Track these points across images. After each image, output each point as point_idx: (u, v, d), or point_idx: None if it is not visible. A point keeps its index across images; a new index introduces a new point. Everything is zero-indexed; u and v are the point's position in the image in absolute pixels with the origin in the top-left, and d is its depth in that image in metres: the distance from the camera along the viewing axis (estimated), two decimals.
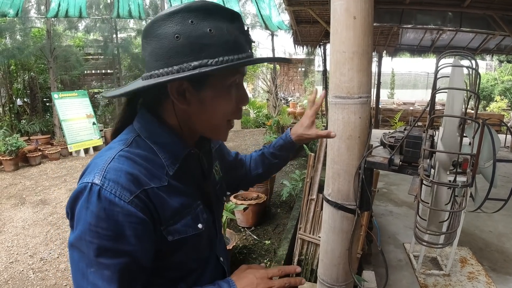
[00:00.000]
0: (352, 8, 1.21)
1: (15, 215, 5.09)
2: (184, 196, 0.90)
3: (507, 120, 12.67)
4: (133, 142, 0.87)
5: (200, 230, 0.92)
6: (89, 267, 0.76)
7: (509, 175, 5.85)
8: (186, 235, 0.88)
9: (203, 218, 0.94)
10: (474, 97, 1.11)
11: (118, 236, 0.75)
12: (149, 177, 0.82)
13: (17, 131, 9.83)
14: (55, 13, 8.48)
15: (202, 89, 0.84)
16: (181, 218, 0.88)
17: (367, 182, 1.27)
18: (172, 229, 0.85)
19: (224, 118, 0.90)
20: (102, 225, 0.74)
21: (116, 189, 0.75)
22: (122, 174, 0.78)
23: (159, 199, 0.83)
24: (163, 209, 0.83)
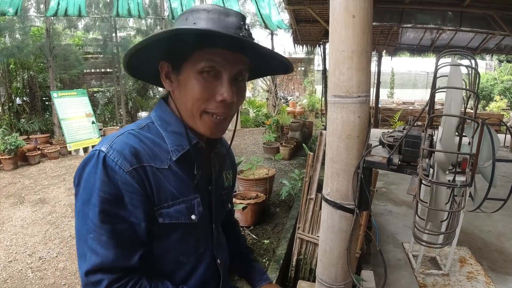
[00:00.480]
0: (351, 6, 1.20)
1: (14, 214, 5.08)
2: (183, 184, 0.94)
3: (507, 120, 12.67)
4: (145, 126, 0.95)
5: (193, 221, 0.95)
6: (89, 232, 0.82)
7: (509, 175, 5.85)
8: (177, 221, 0.92)
9: (198, 211, 0.96)
10: (473, 96, 1.10)
11: (117, 201, 0.83)
12: (151, 157, 0.89)
13: (16, 130, 9.83)
14: (54, 12, 8.47)
15: (180, 73, 0.91)
16: (175, 204, 0.92)
17: (366, 182, 1.27)
18: (165, 212, 0.90)
19: (196, 104, 0.91)
20: (105, 189, 0.82)
21: (119, 159, 0.84)
22: (126, 147, 0.86)
23: (156, 178, 0.89)
24: (158, 189, 0.89)
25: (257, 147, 9.15)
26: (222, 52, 0.88)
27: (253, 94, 19.60)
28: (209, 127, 0.93)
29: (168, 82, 0.95)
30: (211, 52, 0.87)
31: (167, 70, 0.94)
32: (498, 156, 3.03)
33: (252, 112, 14.74)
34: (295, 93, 20.87)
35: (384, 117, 13.01)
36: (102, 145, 0.86)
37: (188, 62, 0.89)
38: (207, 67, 0.88)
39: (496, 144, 2.52)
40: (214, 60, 0.88)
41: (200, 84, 0.89)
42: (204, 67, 0.88)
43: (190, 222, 0.94)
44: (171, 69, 0.94)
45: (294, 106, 15.06)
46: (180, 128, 0.95)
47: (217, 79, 0.90)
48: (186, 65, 0.90)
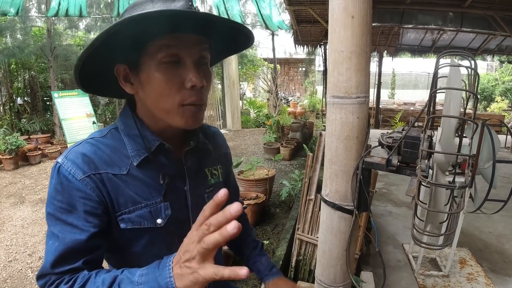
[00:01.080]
0: (350, 7, 1.20)
1: (15, 214, 5.08)
2: (147, 188, 0.92)
3: (508, 121, 12.66)
4: (108, 133, 0.95)
5: (159, 225, 0.92)
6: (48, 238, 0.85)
7: (510, 176, 5.84)
8: (140, 227, 0.90)
9: (165, 214, 0.94)
10: (473, 97, 1.10)
11: (70, 209, 0.83)
12: (108, 163, 0.88)
13: (17, 130, 9.85)
14: (55, 12, 8.47)
15: (139, 72, 0.86)
16: (137, 209, 0.90)
17: (365, 183, 1.26)
18: (126, 218, 0.89)
19: (171, 100, 0.86)
20: (58, 197, 0.83)
21: (71, 168, 0.84)
22: (79, 156, 0.86)
23: (114, 185, 0.88)
24: (117, 195, 0.88)
25: (258, 148, 9.15)
26: (177, 37, 0.83)
27: (254, 94, 19.61)
28: (186, 119, 0.88)
29: (128, 85, 0.90)
30: (165, 39, 0.82)
31: (124, 73, 0.89)
32: (498, 157, 3.03)
33: (253, 113, 14.76)
34: (296, 93, 20.89)
35: (385, 118, 13.00)
36: (60, 156, 0.88)
37: (144, 57, 0.84)
38: (166, 56, 0.83)
39: (497, 145, 2.52)
40: (171, 46, 0.83)
41: (164, 76, 0.84)
42: (163, 57, 0.83)
43: (155, 226, 0.92)
44: (128, 71, 0.89)
45: (295, 107, 15.07)
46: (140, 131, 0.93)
47: (180, 66, 0.85)
48: (143, 61, 0.85)
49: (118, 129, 0.95)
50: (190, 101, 0.86)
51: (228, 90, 12.52)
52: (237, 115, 12.96)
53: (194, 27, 0.84)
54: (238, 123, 12.91)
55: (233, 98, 12.65)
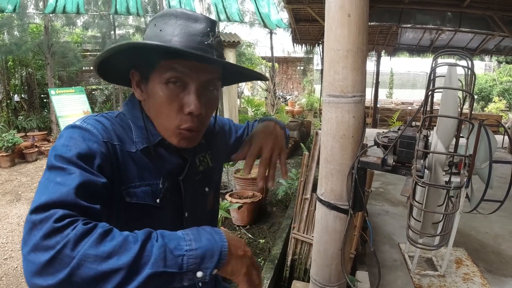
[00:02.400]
0: (347, 5, 1.19)
1: (11, 212, 5.06)
2: (149, 171, 0.94)
3: (505, 121, 12.68)
4: (118, 116, 0.96)
5: (157, 204, 0.94)
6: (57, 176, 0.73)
7: (507, 176, 5.82)
8: (143, 202, 0.91)
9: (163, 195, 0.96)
10: (469, 97, 1.09)
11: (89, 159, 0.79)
12: (121, 139, 0.90)
13: (14, 127, 9.81)
14: (53, 9, 8.43)
15: (148, 82, 0.90)
16: (142, 185, 0.92)
17: (360, 182, 1.26)
18: (132, 192, 0.90)
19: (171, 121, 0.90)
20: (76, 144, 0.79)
21: (94, 126, 0.85)
22: (99, 124, 0.87)
23: (124, 158, 0.89)
24: (126, 168, 0.89)
25: None
26: (188, 63, 0.86)
27: (252, 93, 19.59)
28: (179, 141, 0.93)
29: (138, 91, 0.95)
30: (176, 62, 0.86)
31: (137, 79, 0.94)
32: (495, 157, 3.02)
33: (250, 111, 14.73)
34: (294, 92, 20.88)
35: (383, 117, 13.01)
36: (75, 122, 0.86)
37: (155, 72, 0.88)
38: (172, 77, 0.86)
39: (493, 145, 2.51)
40: (179, 70, 0.86)
41: (166, 96, 0.88)
42: (170, 77, 0.86)
43: (155, 204, 0.94)
44: (140, 79, 0.94)
45: (292, 106, 15.05)
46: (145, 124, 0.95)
47: (184, 90, 0.88)
48: (153, 75, 0.89)
49: (125, 116, 0.97)
50: (186, 126, 0.90)
51: (226, 88, 12.50)
52: (235, 113, 12.94)
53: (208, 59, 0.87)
54: (236, 121, 12.89)
55: (231, 97, 12.62)
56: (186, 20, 0.87)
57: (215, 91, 0.96)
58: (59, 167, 0.74)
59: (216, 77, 0.93)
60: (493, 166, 2.70)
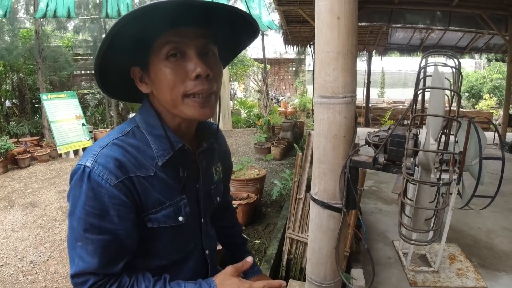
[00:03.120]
0: (336, 8, 1.21)
1: (4, 218, 5.04)
2: (169, 188, 0.95)
3: (496, 118, 12.81)
4: (130, 132, 0.94)
5: (180, 222, 0.97)
6: (77, 240, 0.85)
7: (498, 172, 5.89)
8: (165, 225, 0.94)
9: (185, 212, 0.99)
10: (456, 96, 1.13)
11: (103, 214, 0.84)
12: (137, 166, 0.89)
13: (6, 133, 9.74)
14: (44, 14, 8.41)
15: (149, 70, 0.90)
16: (163, 209, 0.93)
17: (352, 181, 1.28)
18: (153, 218, 0.92)
19: (176, 91, 0.88)
20: (90, 203, 0.83)
21: (104, 173, 0.84)
22: (111, 160, 0.86)
23: (143, 187, 0.89)
24: (146, 197, 0.90)
25: (249, 148, 9.16)
26: (179, 31, 0.86)
27: (245, 94, 19.61)
28: (194, 110, 0.90)
29: (144, 85, 0.94)
30: (167, 35, 0.85)
31: (139, 75, 0.94)
32: (487, 153, 3.07)
33: (243, 113, 14.76)
34: (286, 93, 20.93)
35: (375, 117, 13.09)
36: (87, 159, 0.86)
37: (151, 56, 0.88)
38: (170, 50, 0.86)
39: (483, 142, 2.56)
40: (174, 40, 0.86)
41: (169, 70, 0.87)
42: (168, 52, 0.86)
43: (177, 223, 0.97)
44: (142, 72, 0.93)
45: (285, 106, 15.10)
46: (164, 132, 0.94)
47: (185, 59, 0.88)
48: (151, 59, 0.89)
49: (139, 128, 0.96)
50: (194, 91, 0.89)
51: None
52: (228, 115, 12.97)
53: (194, 20, 0.86)
54: (229, 123, 12.92)
55: (224, 98, 12.65)
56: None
57: (213, 56, 0.94)
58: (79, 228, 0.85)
59: (211, 40, 0.92)
60: (484, 163, 2.74)
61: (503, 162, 2.47)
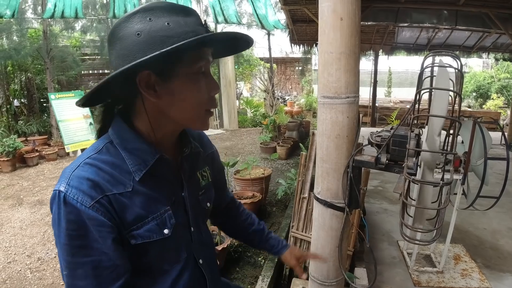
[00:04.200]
0: (339, 9, 1.23)
1: (13, 216, 5.10)
2: (151, 201, 0.93)
3: (504, 118, 12.71)
4: (103, 148, 0.91)
5: (166, 235, 0.94)
6: (65, 269, 0.84)
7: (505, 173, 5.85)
8: (149, 240, 0.91)
9: (170, 223, 0.96)
10: (457, 96, 1.13)
11: (86, 234, 0.82)
12: (112, 183, 0.86)
13: (15, 132, 9.81)
14: (51, 14, 8.47)
15: (170, 80, 0.87)
16: (145, 224, 0.91)
17: (355, 181, 1.29)
18: (136, 234, 0.89)
19: (199, 107, 0.91)
20: (72, 226, 0.81)
21: (78, 196, 0.81)
22: (84, 181, 0.83)
23: (121, 204, 0.87)
24: (125, 214, 0.87)
25: (255, 147, 9.17)
26: (206, 50, 0.90)
27: (251, 94, 19.62)
28: (205, 124, 0.95)
29: (152, 92, 0.87)
30: (202, 51, 0.89)
31: (147, 79, 0.86)
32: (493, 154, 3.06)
33: (249, 112, 14.77)
34: (292, 92, 20.91)
35: (381, 116, 13.05)
36: (60, 184, 0.84)
37: (179, 65, 0.86)
38: (201, 66, 0.89)
39: (488, 143, 2.55)
40: (206, 58, 0.90)
41: (201, 86, 0.89)
42: (200, 67, 0.88)
43: (163, 237, 0.94)
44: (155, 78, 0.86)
45: (291, 106, 15.09)
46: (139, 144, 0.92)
47: (206, 76, 0.92)
48: (178, 70, 0.86)
49: (113, 143, 0.93)
50: (212, 106, 0.94)
51: (225, 89, 12.54)
52: (234, 114, 12.98)
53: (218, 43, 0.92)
54: (235, 123, 12.93)
55: (230, 98, 12.67)
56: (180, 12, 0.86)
57: None
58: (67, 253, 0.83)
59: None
60: (490, 163, 2.74)
61: (508, 163, 2.46)
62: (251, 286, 2.96)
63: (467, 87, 17.19)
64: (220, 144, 9.75)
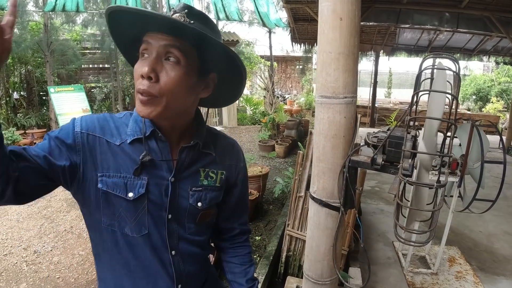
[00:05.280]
0: (339, 9, 1.23)
1: (10, 208, 5.09)
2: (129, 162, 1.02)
3: (503, 122, 12.73)
4: (124, 115, 1.09)
5: (129, 198, 1.01)
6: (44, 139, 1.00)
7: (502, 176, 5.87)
8: (112, 192, 1.00)
9: (137, 191, 1.01)
10: (454, 99, 1.14)
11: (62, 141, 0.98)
12: (107, 133, 1.02)
13: (13, 124, 9.81)
14: (52, 7, 8.45)
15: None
16: (115, 177, 1.00)
17: (351, 181, 1.30)
18: (104, 180, 1.00)
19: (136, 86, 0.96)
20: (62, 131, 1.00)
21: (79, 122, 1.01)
22: (89, 118, 1.03)
23: (103, 148, 1.01)
24: (102, 158, 1.00)
25: (253, 145, 9.17)
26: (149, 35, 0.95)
27: (251, 91, 19.61)
28: (137, 106, 0.96)
29: None
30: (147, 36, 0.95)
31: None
32: (491, 157, 3.07)
33: (249, 110, 14.77)
34: (292, 91, 20.90)
35: (381, 117, 13.05)
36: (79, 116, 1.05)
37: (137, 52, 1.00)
38: (143, 49, 0.95)
39: (485, 146, 2.56)
40: (147, 41, 0.95)
41: (136, 65, 0.96)
42: (142, 50, 0.96)
43: (125, 198, 1.00)
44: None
45: (291, 104, 15.11)
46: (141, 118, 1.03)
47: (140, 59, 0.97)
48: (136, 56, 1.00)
49: (132, 114, 1.07)
50: (137, 88, 0.95)
51: None
52: (233, 112, 12.98)
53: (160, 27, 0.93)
54: (234, 120, 12.93)
55: None
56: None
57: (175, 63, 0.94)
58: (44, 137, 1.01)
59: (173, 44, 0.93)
60: (488, 167, 2.75)
61: (505, 166, 2.47)
62: None
63: (467, 90, 17.20)
64: None
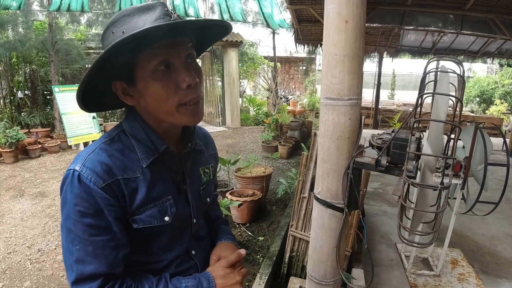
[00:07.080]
0: (344, 12, 1.24)
1: (14, 207, 5.13)
2: (155, 189, 0.98)
3: (506, 124, 12.69)
4: (116, 136, 0.98)
5: (167, 222, 1.00)
6: (75, 244, 0.87)
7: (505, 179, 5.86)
8: (150, 225, 0.97)
9: (171, 211, 1.01)
10: (458, 102, 1.14)
11: (97, 213, 0.87)
12: (123, 169, 0.93)
13: (18, 123, 9.86)
14: (58, 7, 8.49)
15: (136, 83, 0.92)
16: (147, 209, 0.96)
17: (355, 182, 1.31)
18: (138, 218, 0.95)
19: (170, 102, 0.92)
20: (84, 204, 0.86)
21: (92, 176, 0.87)
22: (98, 164, 0.90)
23: (129, 189, 0.93)
24: (131, 198, 0.93)
25: (256, 146, 9.19)
26: (164, 43, 0.88)
27: (254, 92, 19.62)
28: (188, 117, 0.94)
29: (128, 98, 0.96)
30: (152, 49, 0.88)
31: (122, 88, 0.94)
32: (495, 160, 3.07)
33: (252, 111, 14.79)
34: (295, 92, 20.89)
35: (384, 118, 13.04)
36: (76, 164, 0.90)
37: (138, 69, 0.90)
38: (157, 63, 0.88)
39: (489, 148, 2.56)
40: (160, 53, 0.88)
41: (160, 83, 0.89)
42: (155, 65, 0.88)
43: (163, 223, 0.99)
44: (126, 85, 0.94)
45: (294, 105, 15.09)
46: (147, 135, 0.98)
47: (172, 70, 0.91)
48: (137, 73, 0.90)
49: (125, 132, 0.99)
50: (188, 99, 0.93)
51: (228, 87, 12.55)
52: (237, 112, 12.99)
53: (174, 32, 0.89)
54: (237, 121, 12.94)
55: (233, 96, 12.67)
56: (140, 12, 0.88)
57: (194, 62, 0.97)
58: (79, 235, 0.88)
59: (191, 47, 0.95)
60: (491, 169, 2.75)
61: (508, 169, 2.47)
62: (249, 283, 2.97)
63: (470, 92, 17.14)
64: (222, 141, 9.76)
